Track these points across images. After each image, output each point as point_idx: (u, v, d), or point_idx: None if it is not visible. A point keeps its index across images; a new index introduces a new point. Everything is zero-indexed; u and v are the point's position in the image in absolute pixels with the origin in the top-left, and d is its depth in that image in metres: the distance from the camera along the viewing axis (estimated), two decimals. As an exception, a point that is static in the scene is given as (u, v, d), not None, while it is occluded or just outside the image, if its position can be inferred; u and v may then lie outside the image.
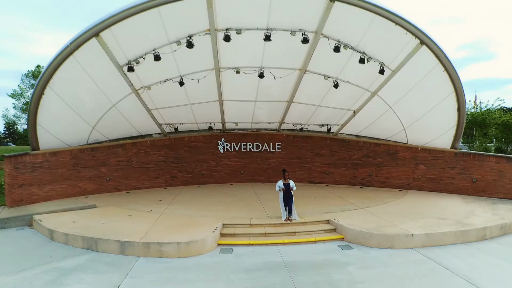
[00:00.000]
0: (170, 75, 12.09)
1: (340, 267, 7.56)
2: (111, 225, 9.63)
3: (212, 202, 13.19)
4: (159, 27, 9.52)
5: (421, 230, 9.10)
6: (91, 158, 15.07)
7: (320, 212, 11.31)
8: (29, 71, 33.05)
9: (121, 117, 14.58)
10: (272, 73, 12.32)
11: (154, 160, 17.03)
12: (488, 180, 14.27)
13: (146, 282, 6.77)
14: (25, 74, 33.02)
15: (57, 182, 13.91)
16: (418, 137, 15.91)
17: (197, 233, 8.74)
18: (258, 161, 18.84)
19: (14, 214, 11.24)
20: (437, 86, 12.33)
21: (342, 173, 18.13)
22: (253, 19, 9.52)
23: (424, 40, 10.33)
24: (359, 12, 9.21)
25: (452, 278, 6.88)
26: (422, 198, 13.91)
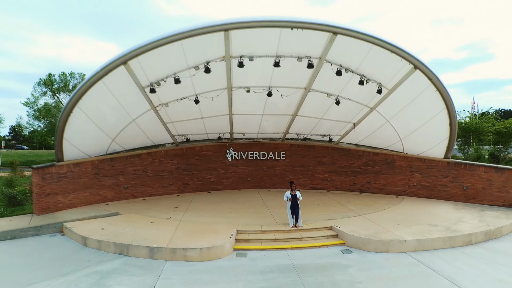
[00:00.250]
0: (187, 94, 13.28)
1: (342, 269, 8.72)
2: (138, 232, 10.80)
3: (224, 209, 14.36)
4: (180, 56, 10.71)
5: (413, 236, 10.27)
6: (111, 168, 16.24)
7: (323, 219, 12.46)
8: (41, 79, 34.30)
9: (138, 130, 15.78)
10: (279, 92, 13.52)
11: (168, 169, 18.20)
12: (478, 188, 15.43)
13: (176, 283, 7.94)
14: (37, 83, 34.28)
15: (80, 190, 15.08)
16: (413, 147, 17.08)
17: (215, 239, 9.91)
18: (264, 168, 20.02)
19: (45, 222, 12.39)
20: (430, 103, 13.51)
21: (342, 180, 19.30)
22: (264, 48, 10.72)
23: (417, 65, 11.52)
24: (358, 42, 10.41)
25: (438, 279, 8.04)
26: (417, 205, 15.08)
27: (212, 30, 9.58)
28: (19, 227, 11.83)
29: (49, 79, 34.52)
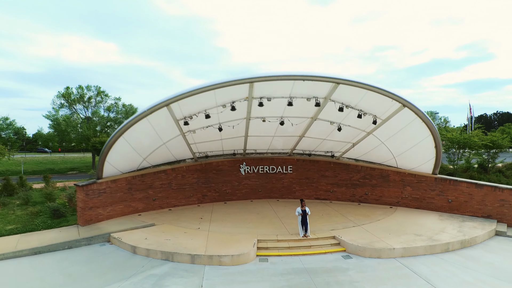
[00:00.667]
0: (212, 123, 15.70)
1: (343, 272, 11.14)
2: (177, 241, 13.21)
3: (242, 220, 16.78)
4: (211, 98, 13.13)
5: (401, 244, 12.69)
6: (141, 183, 18.66)
7: (327, 229, 14.88)
8: (59, 92, 36.71)
9: (166, 150, 18.20)
10: (290, 121, 15.96)
11: (189, 182, 20.62)
12: (461, 201, 17.86)
13: (217, 282, 10.35)
14: (56, 96, 36.71)
15: (116, 203, 17.50)
16: (405, 164, 19.50)
17: (242, 248, 12.32)
18: (273, 181, 22.44)
19: (94, 233, 14.76)
20: (417, 131, 15.94)
21: (343, 191, 21.72)
22: (280, 92, 13.16)
23: (405, 104, 13.94)
24: (356, 88, 12.84)
25: (417, 280, 10.46)
26: (407, 216, 17.50)
27: (240, 83, 12.00)
28: (73, 238, 14.22)
29: (66, 92, 36.93)
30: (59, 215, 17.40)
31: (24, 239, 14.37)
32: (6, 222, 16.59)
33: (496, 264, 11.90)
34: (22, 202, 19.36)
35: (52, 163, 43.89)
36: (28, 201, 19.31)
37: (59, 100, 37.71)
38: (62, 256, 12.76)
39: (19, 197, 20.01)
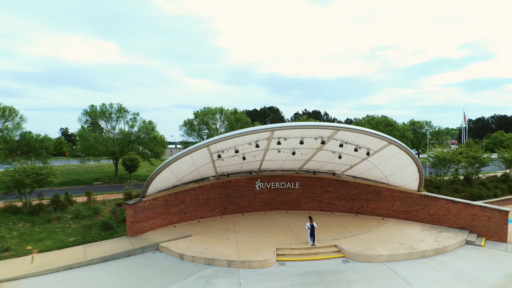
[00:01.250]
0: (238, 154, 19.51)
1: (343, 273, 14.92)
2: (214, 250, 17.00)
3: (261, 230, 20.56)
4: (241, 140, 16.98)
5: (387, 252, 16.48)
6: (175, 199, 22.46)
7: (330, 239, 18.66)
8: (85, 110, 40.64)
9: (196, 172, 22.02)
10: (300, 151, 19.78)
11: (213, 197, 24.42)
12: (440, 214, 21.64)
13: (251, 281, 14.13)
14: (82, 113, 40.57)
15: (156, 217, 21.30)
16: (395, 182, 23.30)
17: (266, 254, 16.11)
18: (283, 195, 26.24)
19: (145, 243, 18.54)
20: (402, 159, 19.72)
21: (343, 204, 25.51)
22: (294, 134, 16.98)
23: (391, 142, 17.75)
24: (352, 132, 16.64)
25: (396, 279, 14.25)
26: (395, 226, 21.29)
27: (264, 131, 15.83)
28: (130, 248, 18.02)
29: (92, 110, 40.83)
30: (109, 227, 21.16)
31: (88, 249, 18.19)
32: (67, 234, 20.37)
33: (459, 267, 15.68)
34: (73, 216, 23.04)
35: (75, 173, 47.55)
36: (78, 215, 23.02)
37: (85, 117, 41.59)
38: (126, 263, 16.56)
39: (70, 212, 23.70)
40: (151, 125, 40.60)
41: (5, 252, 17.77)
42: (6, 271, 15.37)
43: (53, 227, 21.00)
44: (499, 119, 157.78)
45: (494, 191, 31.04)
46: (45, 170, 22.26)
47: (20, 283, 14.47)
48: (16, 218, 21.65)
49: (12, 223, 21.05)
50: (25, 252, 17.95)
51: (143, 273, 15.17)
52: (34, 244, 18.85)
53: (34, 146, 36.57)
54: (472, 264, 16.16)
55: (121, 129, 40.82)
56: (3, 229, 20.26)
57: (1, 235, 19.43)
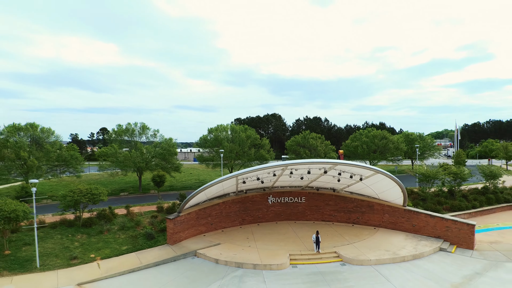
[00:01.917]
0: (257, 178, 24.44)
1: (340, 273, 19.82)
2: (241, 255, 21.90)
3: (275, 239, 25.45)
4: (262, 171, 21.93)
5: (375, 257, 21.37)
6: (204, 213, 27.38)
7: (331, 247, 23.55)
8: (113, 129, 45.73)
9: (222, 191, 26.96)
10: (306, 176, 24.71)
11: (233, 210, 29.33)
12: (421, 225, 26.52)
13: (273, 280, 19.00)
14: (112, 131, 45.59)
15: (190, 228, 26.21)
16: (385, 198, 28.20)
17: (282, 259, 21.01)
18: (291, 208, 31.15)
19: (185, 250, 23.42)
20: (388, 183, 24.63)
21: (341, 215, 30.40)
22: (302, 167, 21.93)
23: (378, 172, 22.67)
24: (347, 166, 21.59)
25: (380, 278, 19.14)
26: (384, 236, 26.17)
27: (280, 166, 20.76)
28: (174, 254, 22.90)
29: (119, 129, 45.86)
30: (151, 237, 26.04)
31: (140, 256, 23.07)
32: (119, 244, 25.25)
33: (430, 269, 20.57)
34: (119, 227, 27.88)
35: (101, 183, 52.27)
36: (124, 226, 27.88)
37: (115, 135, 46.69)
38: (174, 266, 21.47)
39: (116, 224, 28.53)
40: (171, 142, 45.52)
41: (74, 260, 22.57)
42: (82, 275, 20.21)
43: (106, 238, 25.89)
44: (494, 124, 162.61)
45: (473, 203, 35.86)
46: (96, 191, 27.11)
47: (97, 284, 19.31)
48: (73, 230, 26.55)
49: (71, 235, 25.94)
50: (91, 260, 22.74)
51: (190, 274, 20.08)
52: (95, 252, 23.72)
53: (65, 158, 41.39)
54: (441, 267, 21.04)
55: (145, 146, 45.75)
56: (66, 240, 25.17)
57: (66, 246, 24.34)
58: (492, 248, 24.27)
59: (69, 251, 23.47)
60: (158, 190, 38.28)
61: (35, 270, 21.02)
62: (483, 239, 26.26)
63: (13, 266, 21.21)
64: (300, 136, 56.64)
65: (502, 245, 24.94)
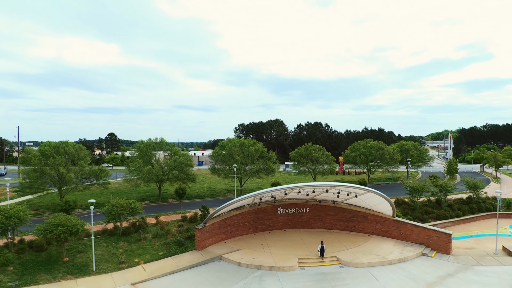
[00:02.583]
0: (273, 198, 29.53)
1: (339, 274, 24.88)
2: (258, 259, 26.97)
3: (285, 245, 30.49)
4: (276, 191, 27.09)
5: (367, 260, 26.43)
6: (224, 223, 32.45)
7: (331, 252, 28.59)
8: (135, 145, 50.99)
9: (240, 206, 32.04)
10: (311, 193, 29.80)
11: (248, 220, 34.41)
12: (407, 233, 31.55)
13: (286, 279, 24.05)
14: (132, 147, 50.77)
15: (213, 236, 31.29)
16: (378, 210, 33.26)
17: (292, 262, 26.08)
18: (297, 217, 36.22)
19: (212, 255, 28.48)
20: (379, 199, 29.70)
21: (340, 224, 35.45)
22: (309, 188, 27.02)
23: (369, 191, 27.71)
24: (344, 186, 26.69)
25: (370, 277, 24.20)
26: (375, 242, 31.20)
27: (290, 187, 25.85)
28: (203, 258, 27.96)
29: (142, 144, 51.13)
30: (181, 244, 31.11)
31: (176, 260, 28.12)
32: (156, 250, 30.31)
33: (411, 271, 25.60)
34: (153, 235, 32.91)
35: (124, 193, 57.38)
36: (157, 235, 32.93)
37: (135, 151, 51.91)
38: (205, 268, 26.54)
39: (149, 232, 33.54)
40: (188, 155, 50.63)
41: (122, 264, 27.58)
42: (133, 277, 25.20)
43: (144, 245, 30.97)
44: (491, 128, 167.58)
45: (457, 212, 40.87)
46: (134, 205, 32.20)
47: (148, 284, 24.36)
48: (115, 239, 31.61)
49: (114, 242, 31.00)
50: (135, 264, 27.75)
51: (219, 275, 25.16)
52: (138, 257, 28.78)
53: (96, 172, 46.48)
54: (421, 269, 26.07)
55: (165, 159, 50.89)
56: (111, 247, 30.22)
57: (113, 252, 29.39)
58: (466, 254, 29.27)
59: (116, 256, 28.52)
60: (180, 201, 43.25)
61: (92, 273, 25.99)
62: (460, 246, 31.26)
63: (74, 271, 26.16)
64: (303, 148, 61.67)
65: (475, 251, 29.93)
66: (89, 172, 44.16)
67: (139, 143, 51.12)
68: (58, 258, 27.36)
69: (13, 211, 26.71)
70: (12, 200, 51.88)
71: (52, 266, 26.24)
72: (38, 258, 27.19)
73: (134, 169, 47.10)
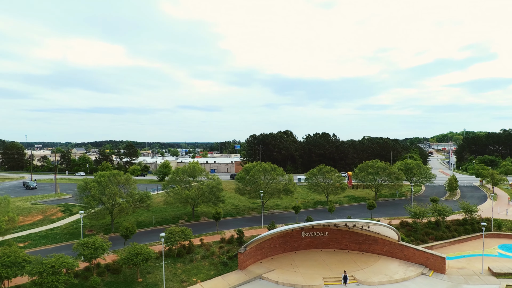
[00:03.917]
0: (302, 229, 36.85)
1: (357, 291, 32.15)
2: (292, 278, 34.23)
3: (310, 265, 37.72)
4: (307, 224, 34.34)
5: (378, 279, 33.60)
6: (260, 246, 39.76)
7: (349, 272, 35.75)
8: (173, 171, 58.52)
9: (272, 232, 39.43)
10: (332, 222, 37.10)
11: (278, 243, 41.70)
12: (410, 255, 38.64)
13: (315, 295, 31.38)
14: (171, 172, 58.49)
15: (252, 258, 38.61)
16: (385, 234, 40.37)
17: (318, 281, 33.32)
18: (318, 239, 43.46)
19: (253, 275, 35.76)
20: (385, 227, 36.83)
21: (354, 245, 42.63)
22: (331, 222, 34.24)
23: (378, 224, 34.83)
24: (358, 221, 33.89)
25: (381, 294, 31.43)
26: (384, 263, 38.31)
27: (318, 223, 33.02)
28: (247, 278, 35.27)
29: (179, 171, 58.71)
30: (226, 264, 38.44)
31: (225, 279, 35.43)
32: (207, 269, 37.61)
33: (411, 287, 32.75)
34: (201, 257, 40.19)
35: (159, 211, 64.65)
36: (204, 256, 40.23)
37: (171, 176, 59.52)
38: (250, 286, 33.89)
39: (197, 253, 40.78)
40: (219, 180, 58.03)
41: (184, 283, 34.82)
42: (194, 290, 32.64)
43: (196, 265, 38.35)
44: (492, 137, 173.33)
45: (453, 233, 47.74)
46: (188, 231, 39.58)
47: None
48: (171, 260, 38.92)
49: (172, 263, 38.35)
50: (194, 282, 35.02)
51: (263, 291, 32.51)
52: (195, 276, 36.11)
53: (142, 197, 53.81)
54: (419, 286, 33.18)
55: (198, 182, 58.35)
56: (171, 268, 37.52)
57: (174, 272, 36.74)
58: (457, 273, 36.29)
59: (177, 276, 35.89)
60: (217, 224, 50.28)
61: (162, 291, 33.40)
62: (453, 265, 38.29)
63: (148, 289, 33.60)
64: (317, 169, 68.92)
65: (465, 271, 36.94)
66: (138, 198, 51.60)
67: (177, 169, 58.65)
68: (133, 279, 34.67)
69: (98, 243, 33.97)
70: (63, 220, 59.63)
71: (131, 286, 33.57)
72: (117, 280, 34.51)
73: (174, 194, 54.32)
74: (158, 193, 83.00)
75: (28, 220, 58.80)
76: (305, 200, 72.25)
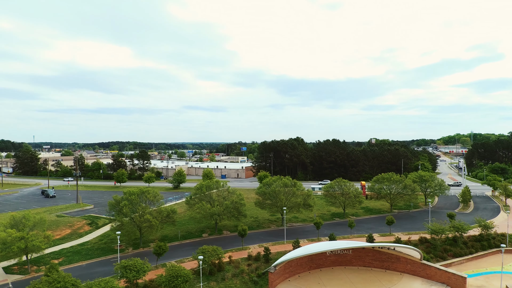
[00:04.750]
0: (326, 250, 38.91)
1: (384, 312, 34.13)
2: (321, 298, 36.38)
3: (337, 284, 39.75)
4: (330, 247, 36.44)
5: (404, 300, 35.59)
6: (288, 265, 41.88)
7: (375, 291, 37.82)
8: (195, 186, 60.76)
9: (299, 251, 41.56)
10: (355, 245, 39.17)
11: (304, 261, 43.76)
12: (432, 274, 40.49)
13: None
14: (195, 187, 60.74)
15: (280, 276, 40.74)
16: (408, 253, 42.27)
17: (348, 302, 35.43)
18: (342, 257, 45.46)
19: (284, 292, 38.02)
20: (412, 250, 38.75)
21: (377, 263, 44.56)
22: (358, 245, 36.28)
23: (400, 246, 36.79)
24: (382, 243, 35.85)
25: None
26: (406, 281, 40.21)
27: (343, 246, 35.09)
28: (278, 295, 37.51)
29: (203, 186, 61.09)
30: (256, 282, 40.64)
31: (257, 295, 37.66)
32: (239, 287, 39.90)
33: (437, 308, 34.66)
34: (232, 275, 42.43)
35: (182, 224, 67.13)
36: (234, 274, 42.42)
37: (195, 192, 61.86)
38: (282, 304, 36.07)
39: (227, 271, 43.02)
40: (241, 196, 60.27)
41: (225, 300, 37.18)
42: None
43: (228, 283, 40.60)
44: (502, 143, 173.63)
45: (470, 250, 49.48)
46: (218, 250, 41.86)
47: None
48: (205, 278, 41.25)
49: (206, 281, 40.66)
50: (230, 299, 37.42)
51: (296, 311, 34.66)
52: (229, 293, 38.44)
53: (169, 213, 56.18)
54: (444, 306, 35.08)
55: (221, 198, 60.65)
56: (207, 286, 39.85)
57: (208, 290, 39.09)
58: (477, 291, 38.14)
59: (222, 295, 38.25)
60: (242, 240, 52.47)
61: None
62: (472, 283, 40.07)
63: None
64: (334, 182, 70.90)
65: (484, 289, 38.77)
66: (166, 214, 54.01)
67: (200, 185, 61.06)
68: (172, 298, 37.07)
69: (139, 265, 36.28)
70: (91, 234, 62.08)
71: (172, 304, 35.94)
72: (157, 299, 36.96)
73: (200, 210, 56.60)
74: (177, 203, 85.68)
75: (58, 234, 61.42)
76: (321, 212, 74.23)
